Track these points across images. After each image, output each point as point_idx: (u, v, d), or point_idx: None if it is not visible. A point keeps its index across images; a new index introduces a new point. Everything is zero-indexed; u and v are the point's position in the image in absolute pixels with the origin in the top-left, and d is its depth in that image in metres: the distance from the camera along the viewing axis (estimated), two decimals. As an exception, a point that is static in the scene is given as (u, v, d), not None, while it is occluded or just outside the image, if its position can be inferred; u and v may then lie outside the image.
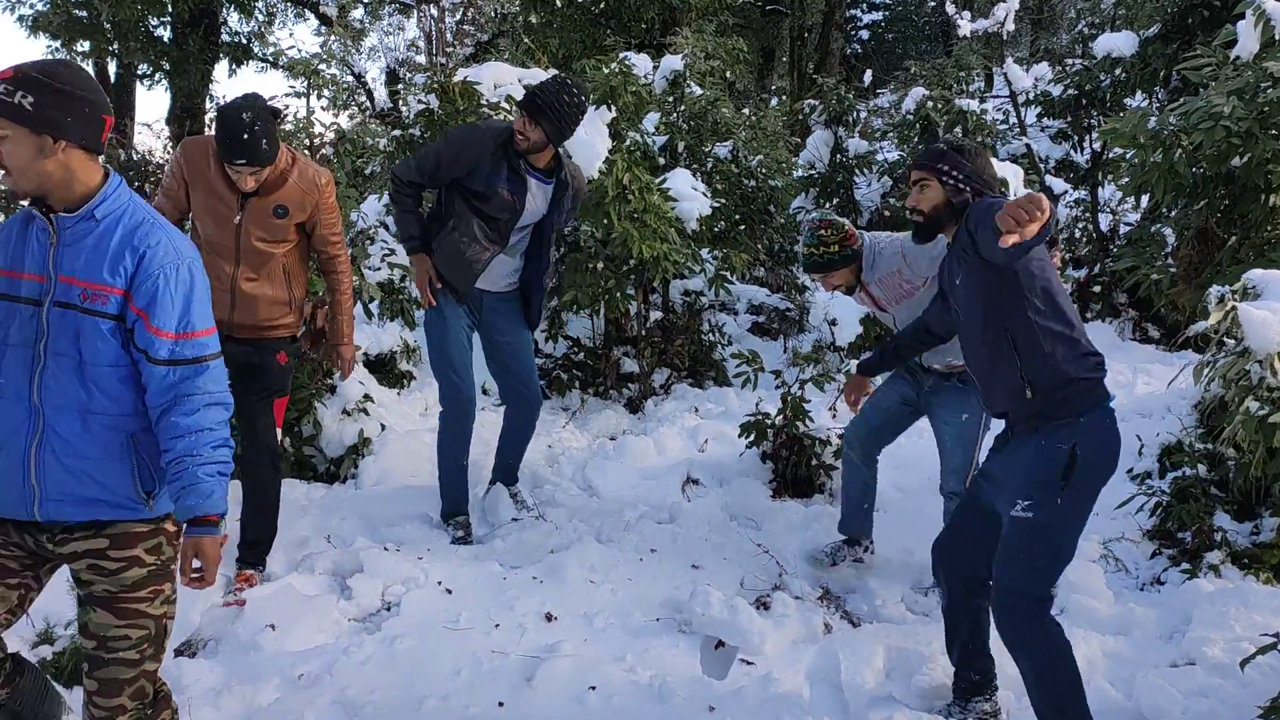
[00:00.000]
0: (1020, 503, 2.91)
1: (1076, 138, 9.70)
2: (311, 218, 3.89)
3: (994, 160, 6.56)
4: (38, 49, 27.00)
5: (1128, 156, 5.66)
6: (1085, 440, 2.89)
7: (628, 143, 6.99)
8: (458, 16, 17.46)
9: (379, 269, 6.34)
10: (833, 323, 7.36)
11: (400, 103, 8.99)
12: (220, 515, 2.36)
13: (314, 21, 19.05)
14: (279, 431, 4.04)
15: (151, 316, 2.25)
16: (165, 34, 16.89)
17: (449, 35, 16.07)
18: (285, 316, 3.96)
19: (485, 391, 6.35)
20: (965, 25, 10.60)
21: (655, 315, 7.13)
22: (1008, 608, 2.92)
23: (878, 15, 22.88)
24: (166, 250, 2.27)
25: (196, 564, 2.33)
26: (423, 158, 4.39)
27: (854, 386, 4.14)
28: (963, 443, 4.07)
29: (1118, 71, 8.75)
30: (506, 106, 6.67)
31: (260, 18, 18.27)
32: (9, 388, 2.23)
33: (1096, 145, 9.23)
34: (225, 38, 17.82)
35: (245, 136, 3.48)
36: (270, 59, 18.50)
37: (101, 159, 2.29)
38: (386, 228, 6.60)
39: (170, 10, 15.93)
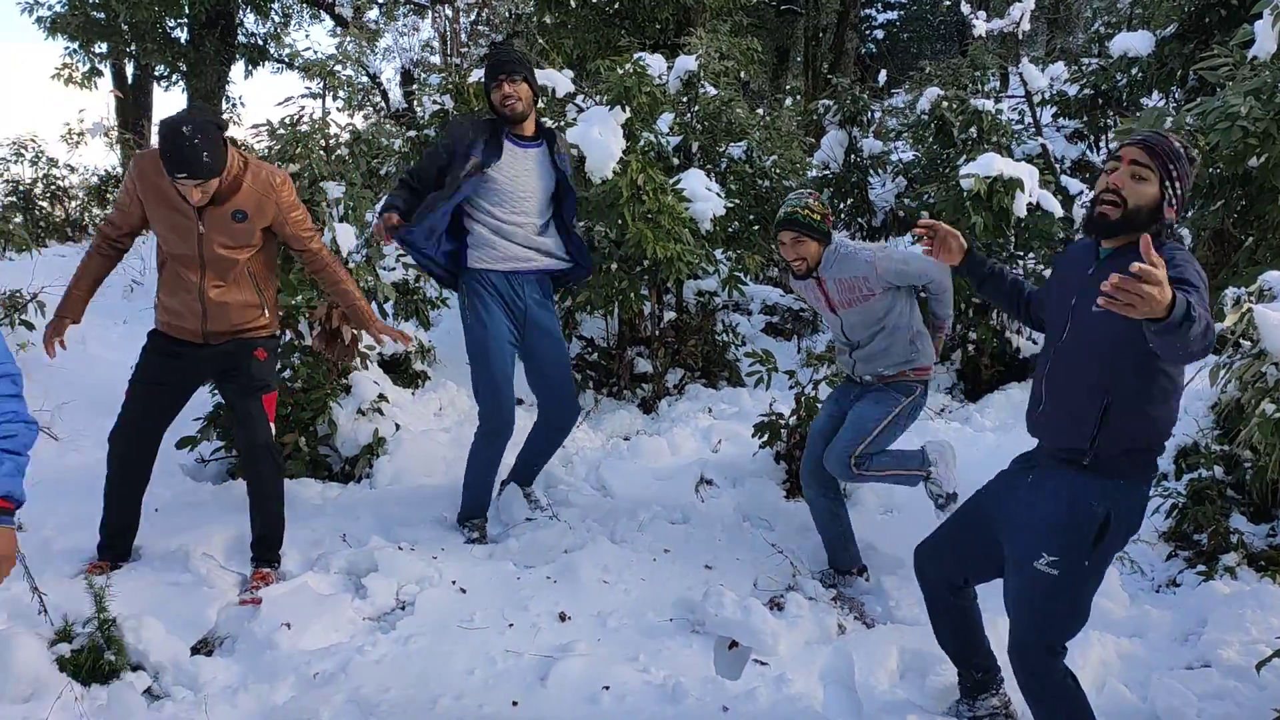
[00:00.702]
0: (1045, 556, 2.74)
1: (1092, 138, 9.68)
2: (275, 220, 3.89)
3: (1009, 160, 6.57)
4: (56, 50, 27.20)
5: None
6: (1120, 508, 2.72)
7: (642, 143, 7.00)
8: (472, 17, 17.47)
9: (394, 269, 6.37)
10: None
11: (415, 103, 9.03)
12: (11, 499, 2.25)
13: (329, 22, 19.13)
14: (273, 427, 4.05)
15: None
16: (182, 35, 16.99)
17: (463, 36, 16.09)
18: (260, 319, 4.00)
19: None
20: (980, 25, 10.55)
21: (669, 316, 7.15)
22: (1022, 657, 2.84)
23: (893, 15, 22.82)
24: None
25: None
26: (427, 155, 4.55)
27: (942, 237, 3.26)
28: (857, 427, 4.04)
29: (1134, 71, 8.73)
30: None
31: (276, 19, 18.37)
32: None
33: (1112, 145, 9.19)
34: (241, 39, 17.93)
35: (185, 149, 3.46)
36: (286, 60, 18.60)
37: None
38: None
39: (187, 12, 16.03)
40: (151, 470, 4.03)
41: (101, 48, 16.61)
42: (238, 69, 18.04)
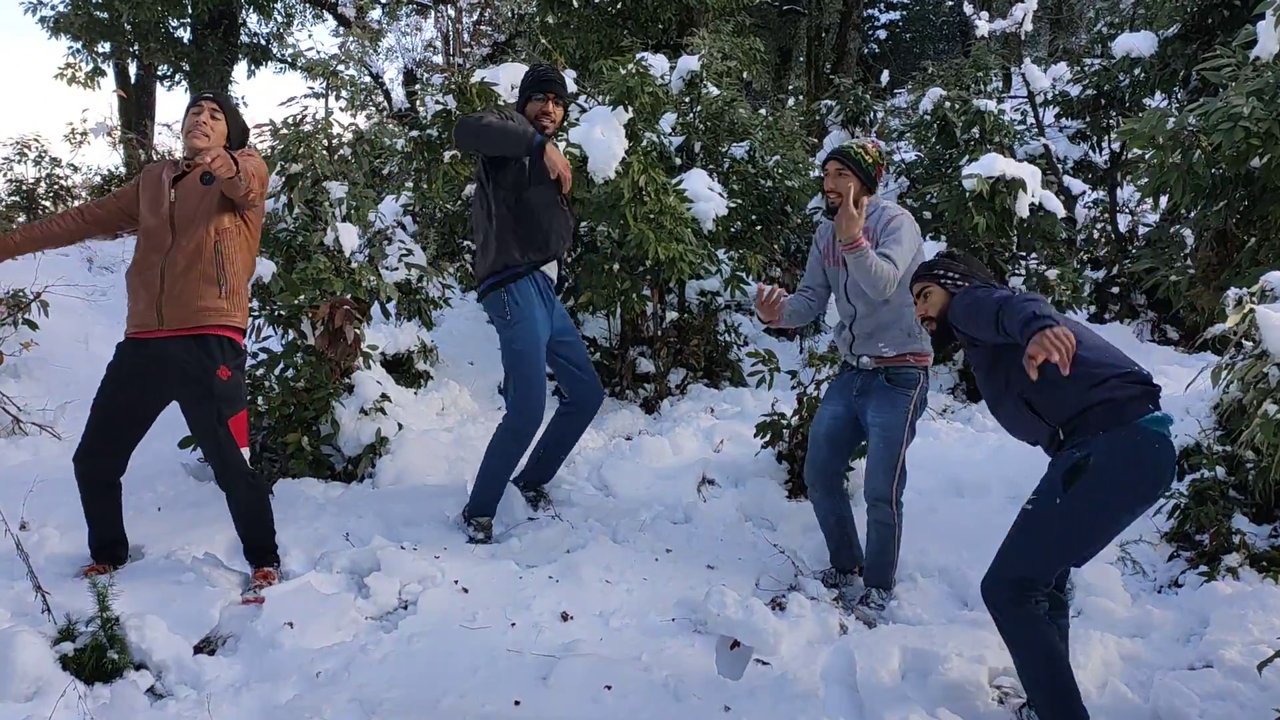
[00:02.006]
0: (1030, 497, 3.08)
1: (1095, 138, 9.67)
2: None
3: (1012, 160, 6.57)
4: (59, 49, 27.20)
5: (1146, 157, 5.64)
6: (1101, 452, 2.96)
7: (644, 143, 7.00)
8: (475, 17, 17.49)
9: (396, 269, 6.37)
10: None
11: (418, 103, 9.03)
12: None
13: (332, 22, 19.14)
14: (245, 452, 3.91)
15: None
16: (185, 35, 17.00)
17: (466, 36, 16.11)
18: (218, 300, 3.82)
19: (502, 391, 6.37)
20: (983, 25, 10.55)
21: (671, 316, 7.15)
22: (987, 591, 3.07)
23: (895, 15, 22.79)
24: None
25: None
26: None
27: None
28: (888, 444, 4.01)
29: (1137, 72, 8.72)
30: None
31: (279, 19, 18.37)
32: None
33: (1115, 146, 9.20)
34: (244, 39, 17.93)
35: None
36: (289, 60, 18.59)
37: None
38: (403, 227, 6.63)
39: (190, 11, 16.03)
40: (121, 486, 3.96)
41: (104, 47, 16.61)
42: (240, 69, 18.08)
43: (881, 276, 3.80)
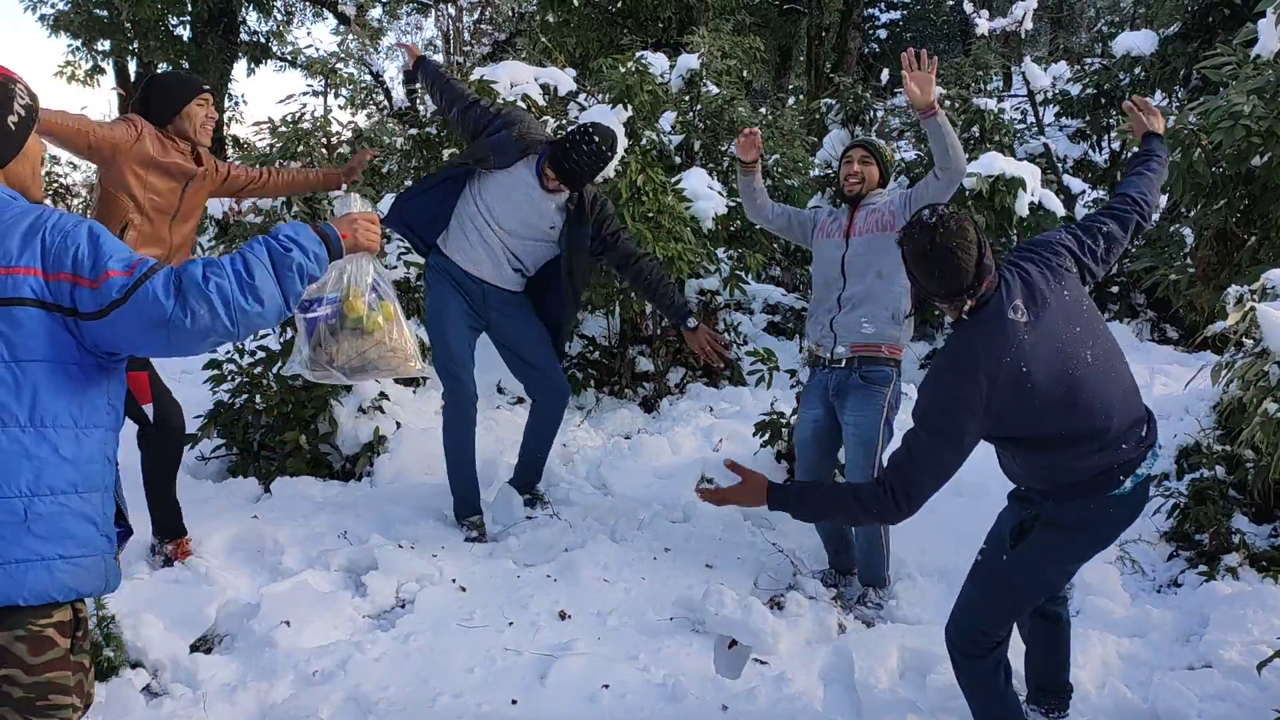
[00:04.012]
0: (982, 545, 3.01)
1: (1095, 137, 9.67)
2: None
3: (1011, 159, 6.56)
4: (59, 47, 27.21)
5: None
6: (1050, 514, 2.81)
7: (644, 142, 6.99)
8: (475, 15, 17.47)
9: (395, 267, 6.36)
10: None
11: (418, 102, 9.02)
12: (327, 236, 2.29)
13: (332, 21, 19.12)
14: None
15: None
16: (185, 33, 16.98)
17: (466, 34, 16.09)
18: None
19: (501, 390, 6.36)
20: (983, 24, 10.54)
21: (670, 314, 7.13)
22: (947, 635, 3.02)
23: (896, 14, 22.76)
24: None
25: None
26: (483, 106, 4.55)
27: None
28: (865, 445, 3.99)
29: (1137, 70, 8.72)
30: (523, 106, 6.68)
31: (279, 17, 18.36)
32: None
33: (1115, 144, 9.20)
34: (244, 37, 17.90)
35: None
36: (288, 58, 18.59)
37: None
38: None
39: (190, 9, 16.02)
40: None
41: (104, 45, 16.61)
42: (240, 67, 18.02)
43: (960, 146, 3.83)
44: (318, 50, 20.22)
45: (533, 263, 4.58)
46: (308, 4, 18.95)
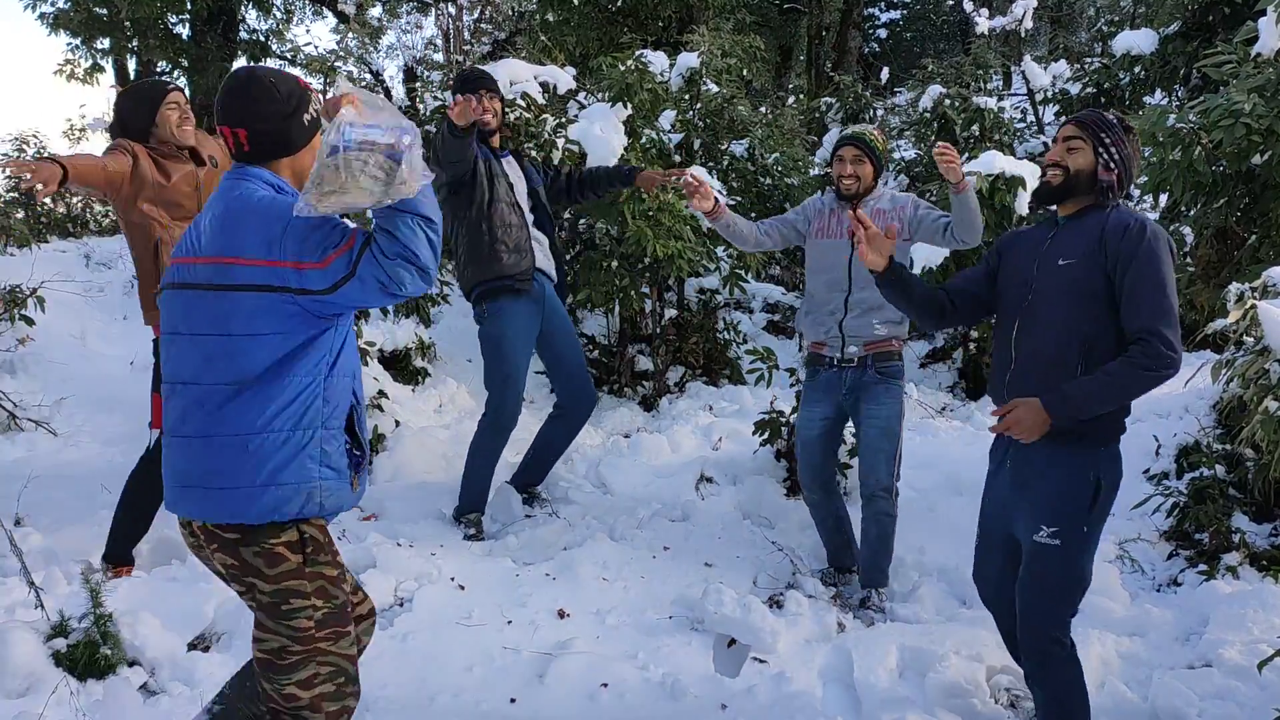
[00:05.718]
0: (1045, 529, 2.84)
1: (1095, 136, 9.62)
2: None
3: (1011, 158, 6.55)
4: (58, 46, 27.20)
5: (1147, 154, 5.62)
6: (1107, 471, 2.84)
7: (643, 140, 6.98)
8: (475, 14, 17.45)
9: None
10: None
11: (417, 100, 9.00)
12: None
13: (332, 19, 19.09)
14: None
15: None
16: (184, 31, 16.95)
17: (466, 33, 16.07)
18: None
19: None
20: (983, 23, 10.54)
21: (670, 313, 7.13)
22: (1035, 639, 2.89)
23: (896, 14, 22.76)
24: None
25: None
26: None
27: (872, 236, 3.17)
28: (889, 435, 4.02)
29: (1137, 69, 8.70)
30: (523, 104, 6.67)
31: (278, 15, 18.31)
32: None
33: (1115, 144, 9.15)
34: (243, 35, 17.86)
35: None
36: (288, 56, 18.54)
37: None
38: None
39: (189, 7, 16.00)
40: None
41: (103, 43, 16.58)
42: (239, 65, 17.99)
43: (980, 220, 3.91)
44: (317, 49, 20.20)
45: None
46: (307, 2, 18.92)
